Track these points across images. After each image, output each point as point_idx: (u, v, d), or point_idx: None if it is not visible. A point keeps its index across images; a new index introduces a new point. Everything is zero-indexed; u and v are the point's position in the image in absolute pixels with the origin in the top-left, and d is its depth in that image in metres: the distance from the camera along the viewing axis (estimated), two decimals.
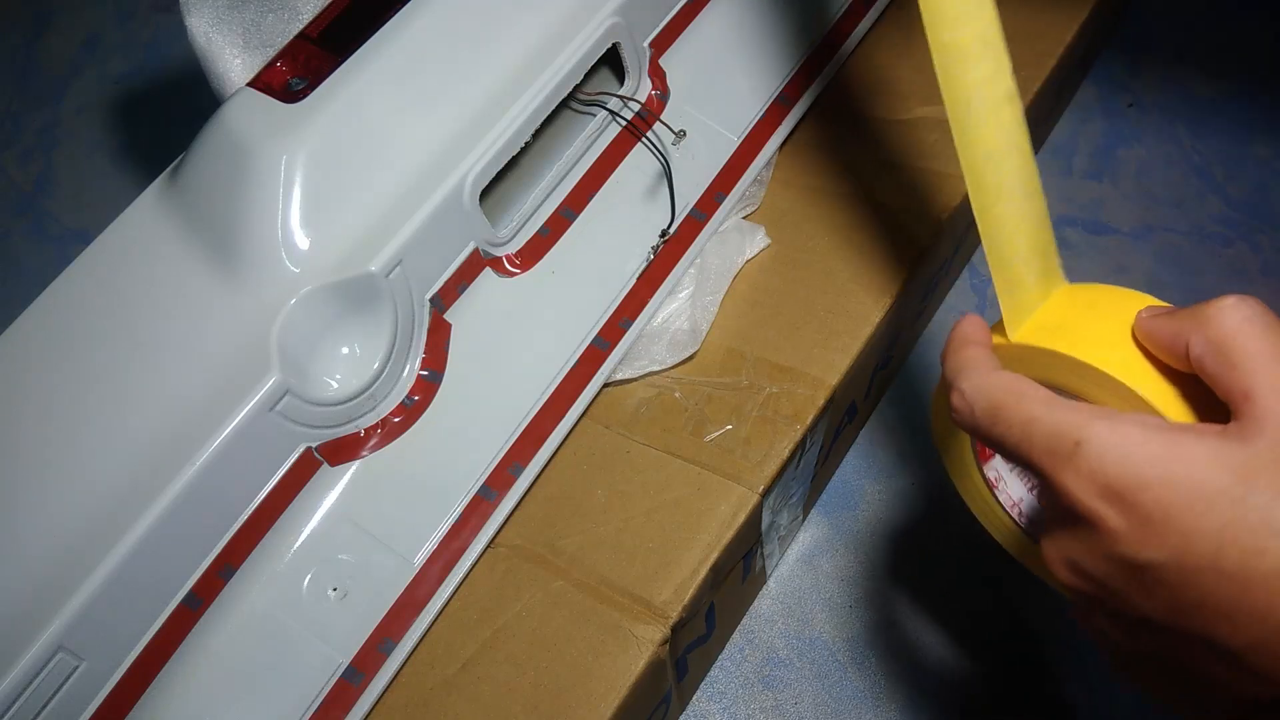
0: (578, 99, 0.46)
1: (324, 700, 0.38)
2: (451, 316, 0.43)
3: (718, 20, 0.49)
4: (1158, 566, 0.23)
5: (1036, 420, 0.25)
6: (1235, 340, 0.23)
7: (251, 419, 0.37)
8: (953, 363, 0.29)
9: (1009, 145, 0.30)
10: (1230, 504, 0.22)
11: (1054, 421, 0.24)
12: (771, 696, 0.51)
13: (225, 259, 0.39)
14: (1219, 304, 0.24)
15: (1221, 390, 0.24)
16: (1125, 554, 0.23)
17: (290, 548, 0.40)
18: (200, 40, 0.45)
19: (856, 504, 0.56)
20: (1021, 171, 0.30)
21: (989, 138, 0.30)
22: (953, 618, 0.52)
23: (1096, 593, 0.25)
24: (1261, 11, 0.67)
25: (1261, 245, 0.59)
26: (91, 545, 0.35)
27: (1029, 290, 0.30)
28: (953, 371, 0.28)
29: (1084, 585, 0.25)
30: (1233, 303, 0.24)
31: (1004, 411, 0.26)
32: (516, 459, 0.41)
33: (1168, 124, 0.64)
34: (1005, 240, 0.30)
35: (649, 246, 0.45)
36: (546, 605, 0.39)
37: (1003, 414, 0.26)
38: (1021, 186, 0.30)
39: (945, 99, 0.31)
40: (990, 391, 0.27)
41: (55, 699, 0.35)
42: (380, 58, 0.40)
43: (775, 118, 0.48)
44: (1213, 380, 0.24)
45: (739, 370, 0.43)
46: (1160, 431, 0.23)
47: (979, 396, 0.27)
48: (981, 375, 0.27)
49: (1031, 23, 0.52)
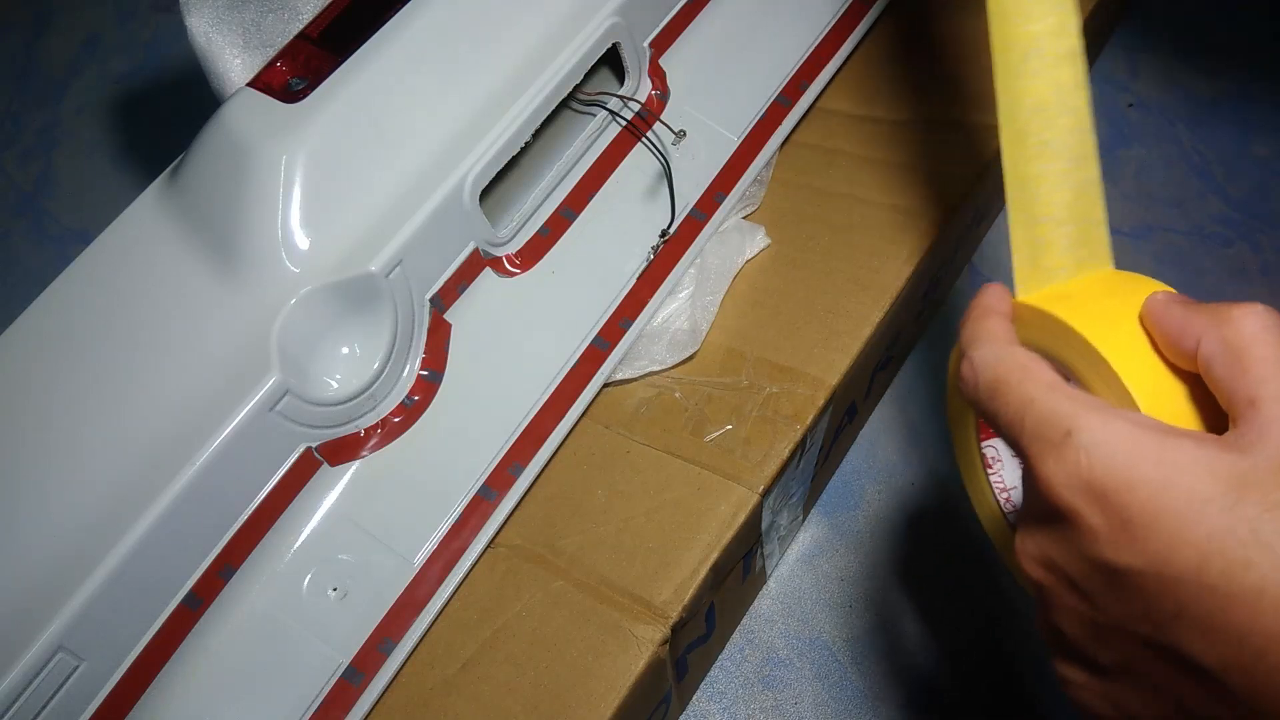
0: (578, 99, 0.46)
1: (324, 700, 0.38)
2: (451, 316, 0.43)
3: (718, 20, 0.49)
4: (1136, 573, 0.22)
5: (1033, 402, 0.24)
6: (1252, 346, 0.22)
7: (251, 419, 0.37)
8: (969, 331, 0.28)
9: (1063, 105, 0.29)
10: (1219, 514, 0.21)
11: (1049, 406, 0.24)
12: (771, 696, 0.51)
13: (225, 259, 0.39)
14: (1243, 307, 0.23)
15: (1224, 394, 0.23)
16: (1102, 556, 0.22)
17: (290, 548, 0.40)
18: (200, 40, 0.45)
19: (856, 504, 0.56)
20: (1074, 134, 0.29)
21: (1041, 91, 0.29)
22: (953, 617, 0.52)
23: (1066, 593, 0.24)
24: (1261, 11, 0.67)
25: (1261, 245, 0.59)
26: (91, 545, 0.35)
27: (1055, 255, 0.29)
28: (967, 340, 0.28)
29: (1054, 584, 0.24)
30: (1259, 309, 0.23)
31: (1004, 387, 0.25)
32: (516, 459, 0.41)
33: (1168, 124, 0.64)
34: (1039, 199, 0.29)
35: (649, 246, 0.45)
36: (546, 605, 0.39)
37: (1002, 390, 0.25)
38: (1070, 150, 0.29)
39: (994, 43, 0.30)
40: (997, 365, 0.26)
41: (55, 699, 0.35)
42: (380, 58, 0.40)
43: (775, 118, 0.48)
44: (1217, 383, 0.23)
45: (739, 370, 0.43)
46: (1154, 432, 0.22)
47: (985, 368, 0.26)
48: (994, 347, 0.26)
49: None
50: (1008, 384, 0.25)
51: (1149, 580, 0.21)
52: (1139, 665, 0.23)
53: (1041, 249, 0.29)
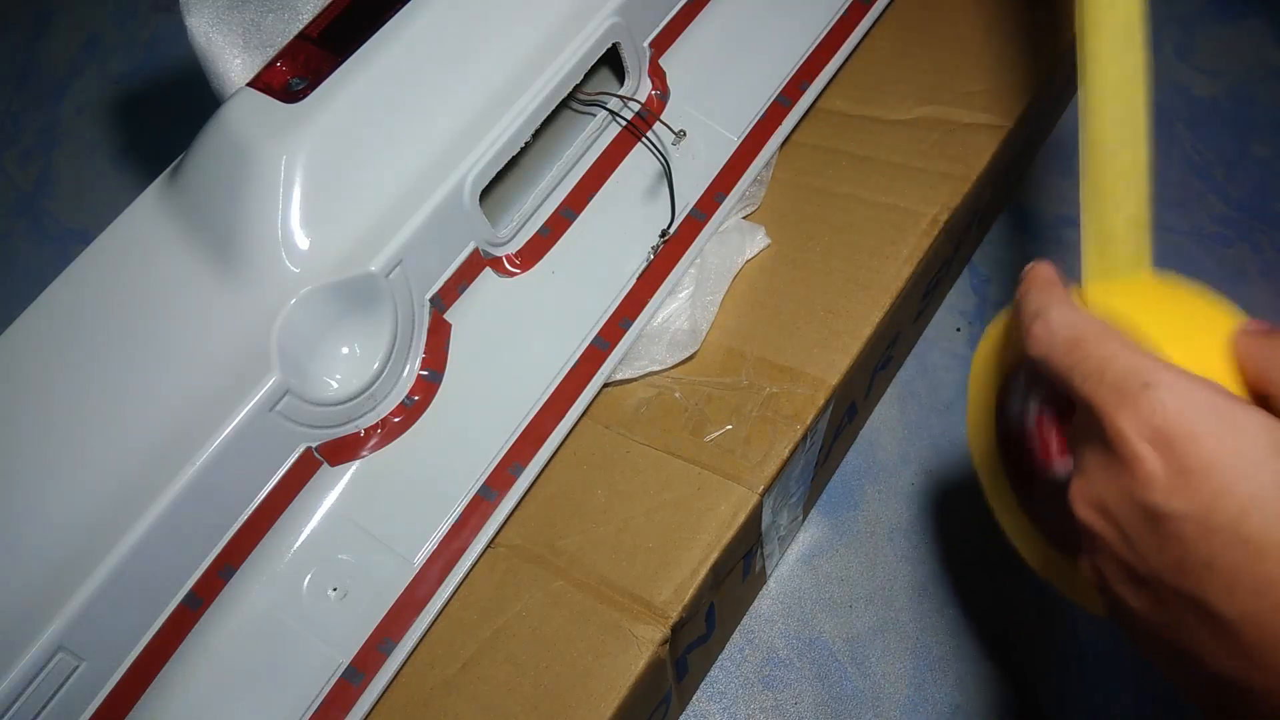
0: (578, 99, 0.46)
1: (324, 700, 0.38)
2: (451, 316, 0.43)
3: (718, 20, 0.49)
4: (1179, 518, 0.23)
5: (1114, 356, 0.26)
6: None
7: (251, 419, 0.37)
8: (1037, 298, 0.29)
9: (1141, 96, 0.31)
10: (1269, 475, 0.22)
11: (1132, 361, 0.25)
12: (771, 696, 0.51)
13: (225, 259, 0.39)
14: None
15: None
16: (1153, 501, 0.24)
17: (290, 548, 0.40)
18: (200, 40, 0.45)
19: (856, 504, 0.56)
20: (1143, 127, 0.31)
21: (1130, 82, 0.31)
22: (953, 617, 0.52)
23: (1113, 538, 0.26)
24: (1261, 11, 0.67)
25: (1261, 245, 0.59)
26: (92, 545, 0.35)
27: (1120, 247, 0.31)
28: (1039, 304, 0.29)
29: (1103, 528, 0.26)
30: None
31: (1085, 344, 0.27)
32: (516, 459, 0.41)
33: (1168, 124, 0.64)
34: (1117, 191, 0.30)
35: (649, 246, 0.45)
36: (546, 605, 0.39)
37: (1083, 346, 0.27)
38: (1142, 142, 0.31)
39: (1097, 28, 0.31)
40: (1076, 325, 0.27)
41: (55, 699, 0.35)
42: (380, 58, 0.40)
43: (775, 118, 0.48)
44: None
45: (739, 370, 0.44)
46: (1226, 397, 0.24)
47: (1064, 326, 0.27)
48: (1070, 309, 0.28)
49: (1034, 22, 0.51)
50: (1088, 340, 0.27)
51: (1190, 526, 0.23)
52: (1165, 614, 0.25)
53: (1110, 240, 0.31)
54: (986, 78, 0.50)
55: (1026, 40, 0.51)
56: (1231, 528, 0.22)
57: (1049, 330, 0.28)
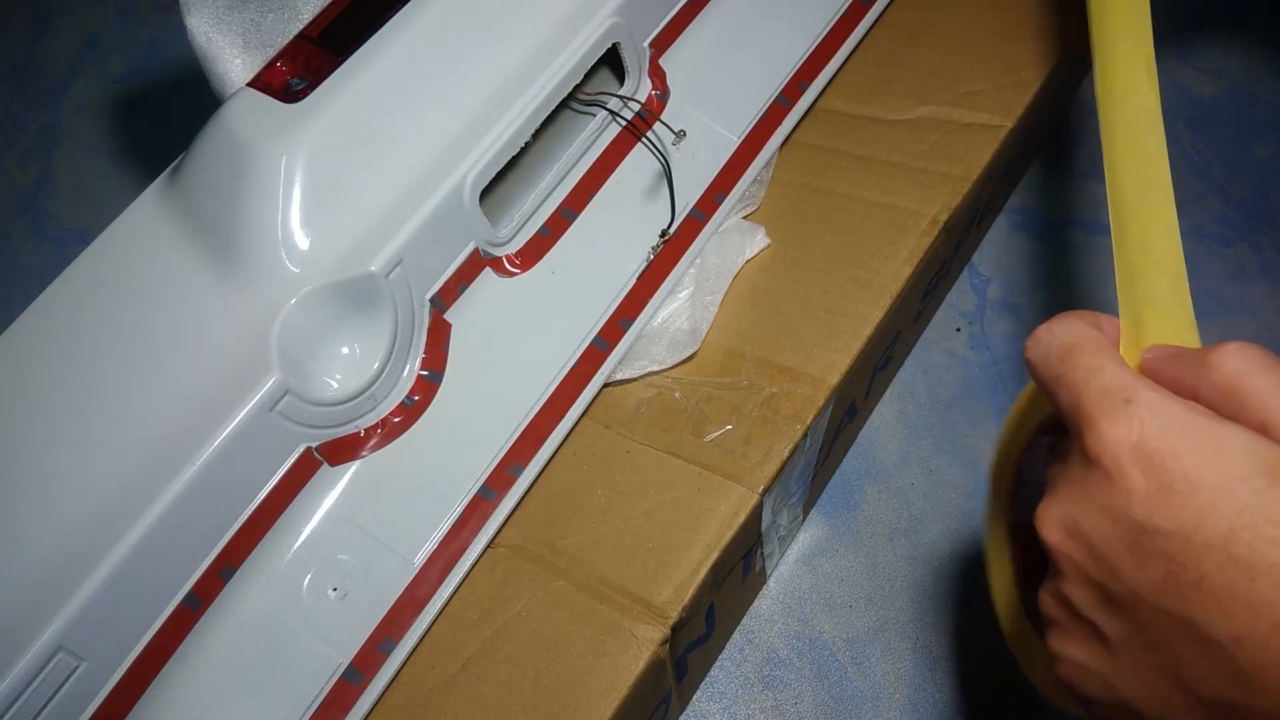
0: (578, 99, 0.46)
1: (324, 700, 0.38)
2: (451, 316, 0.43)
3: (718, 20, 0.49)
4: (1165, 536, 0.23)
5: (1103, 369, 0.25)
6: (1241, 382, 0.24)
7: (251, 419, 0.37)
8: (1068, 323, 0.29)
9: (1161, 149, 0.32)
10: (1254, 493, 0.22)
11: (1118, 376, 0.25)
12: (771, 696, 0.51)
13: (225, 259, 0.39)
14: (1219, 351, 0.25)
15: None
16: (1135, 516, 0.23)
17: (290, 548, 0.40)
18: (200, 40, 0.45)
19: (856, 504, 0.56)
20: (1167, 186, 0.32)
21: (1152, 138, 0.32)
22: (952, 617, 0.52)
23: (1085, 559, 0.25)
24: (1261, 11, 0.67)
25: (1261, 245, 0.59)
26: (92, 545, 0.35)
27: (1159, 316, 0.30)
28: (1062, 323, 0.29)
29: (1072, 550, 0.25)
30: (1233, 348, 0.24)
31: (1077, 354, 0.27)
32: (516, 459, 0.41)
33: (1168, 124, 0.64)
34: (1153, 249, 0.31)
35: (649, 246, 0.45)
36: (546, 605, 0.39)
37: (1075, 354, 0.27)
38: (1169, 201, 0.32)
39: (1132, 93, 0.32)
40: (1072, 333, 0.27)
41: (55, 699, 0.35)
42: (380, 58, 0.40)
43: (775, 118, 0.48)
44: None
45: (739, 370, 0.44)
46: (1205, 415, 0.24)
47: (1061, 334, 0.27)
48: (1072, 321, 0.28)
49: (1034, 22, 0.52)
50: (1082, 349, 0.27)
51: (1176, 544, 0.23)
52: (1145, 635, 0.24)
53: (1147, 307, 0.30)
54: (986, 78, 0.50)
55: (1026, 41, 0.51)
56: (1221, 547, 0.22)
57: (1049, 333, 0.28)
